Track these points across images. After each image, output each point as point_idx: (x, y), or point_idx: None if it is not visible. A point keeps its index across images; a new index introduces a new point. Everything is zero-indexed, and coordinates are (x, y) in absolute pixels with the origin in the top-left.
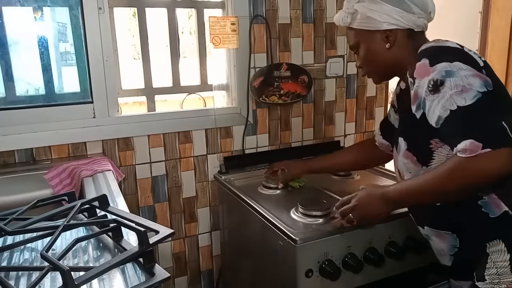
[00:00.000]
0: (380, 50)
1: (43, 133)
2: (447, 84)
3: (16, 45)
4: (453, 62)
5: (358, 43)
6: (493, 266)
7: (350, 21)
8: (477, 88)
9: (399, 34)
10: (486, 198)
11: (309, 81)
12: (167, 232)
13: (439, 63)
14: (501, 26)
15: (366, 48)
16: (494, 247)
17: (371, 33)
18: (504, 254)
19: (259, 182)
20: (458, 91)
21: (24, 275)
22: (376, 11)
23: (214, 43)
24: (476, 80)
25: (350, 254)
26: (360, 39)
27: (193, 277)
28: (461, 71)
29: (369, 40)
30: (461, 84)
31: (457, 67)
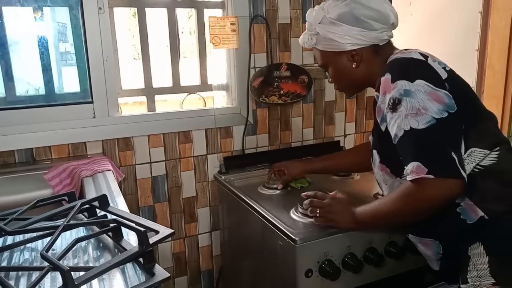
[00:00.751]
0: (347, 69)
1: (43, 133)
2: (404, 104)
3: (16, 45)
4: (413, 81)
5: (326, 63)
6: (474, 269)
7: (314, 42)
8: (432, 113)
9: (364, 52)
10: (463, 205)
11: (309, 81)
12: (167, 232)
13: (399, 79)
14: (501, 26)
15: (334, 68)
16: (474, 250)
17: (337, 54)
18: (483, 257)
19: (259, 182)
20: (413, 113)
21: (24, 275)
22: (337, 33)
23: (214, 43)
24: (433, 105)
25: (350, 254)
26: (327, 59)
27: (193, 277)
28: (419, 93)
29: (336, 60)
30: (417, 106)
31: (416, 87)
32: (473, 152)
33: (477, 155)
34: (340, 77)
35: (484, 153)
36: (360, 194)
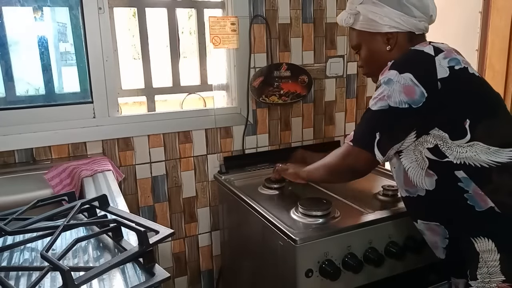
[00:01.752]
0: (380, 52)
1: (43, 133)
2: (379, 89)
3: (16, 45)
4: (402, 73)
5: (360, 44)
6: (484, 265)
7: (352, 22)
8: (390, 102)
9: (400, 36)
10: (471, 192)
11: (309, 81)
12: (167, 232)
13: (393, 69)
14: (501, 26)
15: (368, 49)
16: (484, 246)
17: (373, 35)
18: (494, 253)
19: (259, 182)
20: (379, 98)
21: (24, 275)
22: (378, 14)
23: (214, 43)
24: (398, 96)
25: (350, 254)
26: (362, 40)
27: (193, 277)
28: (397, 84)
29: (371, 41)
30: (384, 93)
31: (399, 79)
32: (476, 145)
33: (479, 149)
34: (371, 59)
35: (488, 148)
36: (360, 194)
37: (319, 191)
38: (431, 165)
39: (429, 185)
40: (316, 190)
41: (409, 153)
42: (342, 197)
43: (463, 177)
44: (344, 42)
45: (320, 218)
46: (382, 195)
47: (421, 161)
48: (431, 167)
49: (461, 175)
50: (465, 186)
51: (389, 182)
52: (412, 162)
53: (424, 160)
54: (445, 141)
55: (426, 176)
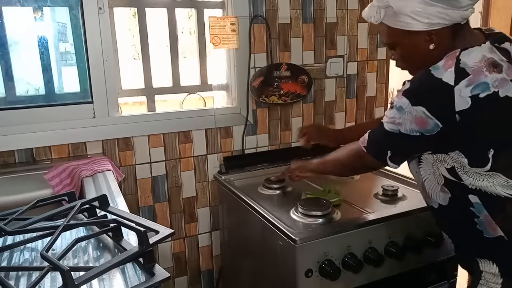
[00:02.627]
0: (422, 51)
1: (43, 133)
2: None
3: (16, 45)
4: (414, 105)
5: (395, 43)
6: (485, 284)
7: (383, 16)
8: (401, 128)
9: (444, 32)
10: (481, 218)
11: (309, 81)
12: (167, 232)
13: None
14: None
15: (405, 48)
16: (488, 268)
17: (412, 33)
18: (497, 277)
19: (259, 182)
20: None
21: (24, 275)
22: (416, 9)
23: (214, 43)
24: (410, 125)
25: (350, 254)
26: (397, 39)
27: (193, 277)
28: (408, 115)
29: (409, 40)
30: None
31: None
32: (494, 175)
33: (497, 180)
34: (411, 58)
35: (507, 181)
36: (360, 194)
37: (319, 191)
38: (446, 183)
39: (442, 200)
40: (316, 190)
41: (428, 165)
42: (342, 197)
43: (476, 202)
44: (344, 42)
45: (320, 218)
46: (382, 195)
47: (438, 176)
48: (446, 185)
49: (475, 200)
50: (476, 211)
51: (389, 182)
52: (430, 174)
53: (441, 177)
54: (463, 165)
55: (441, 191)
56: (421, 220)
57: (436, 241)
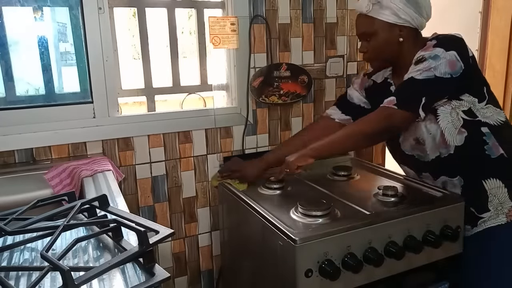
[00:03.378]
0: (392, 42)
1: (43, 133)
2: (425, 63)
3: (16, 45)
4: (448, 50)
5: (374, 32)
6: (495, 198)
7: (370, 9)
8: (436, 72)
9: (410, 31)
10: (490, 144)
11: (309, 81)
12: (167, 232)
13: (438, 47)
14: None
15: (382, 38)
16: (493, 184)
17: (390, 26)
18: (502, 189)
19: (259, 182)
20: (424, 70)
21: (24, 275)
22: (400, 8)
23: (214, 43)
24: (443, 68)
25: (350, 254)
26: (378, 29)
27: (193, 277)
28: (443, 60)
29: (386, 31)
30: (431, 66)
31: (445, 55)
32: (490, 107)
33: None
34: (382, 47)
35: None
36: (360, 194)
37: (319, 191)
38: (464, 124)
39: (459, 141)
40: (316, 190)
41: (446, 115)
42: (342, 197)
43: (487, 132)
44: (344, 42)
45: (320, 218)
46: (382, 195)
47: (456, 121)
48: (464, 126)
49: (486, 130)
50: (487, 139)
51: (389, 182)
52: (448, 123)
53: (460, 120)
54: (475, 104)
55: (458, 134)
56: (421, 220)
57: (435, 240)
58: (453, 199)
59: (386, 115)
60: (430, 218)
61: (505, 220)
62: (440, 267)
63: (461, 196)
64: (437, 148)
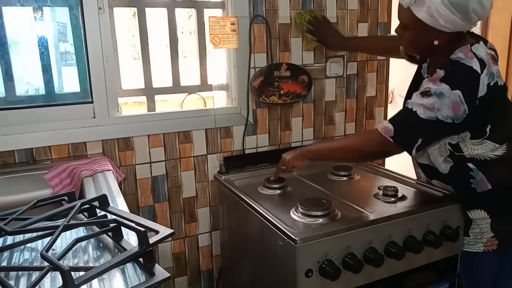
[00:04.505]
0: (427, 43)
1: (43, 133)
2: (430, 99)
3: (16, 45)
4: (453, 89)
5: (409, 27)
6: (477, 227)
7: (413, 2)
8: (439, 115)
9: (449, 35)
10: (477, 179)
11: (309, 81)
12: (167, 232)
13: (445, 82)
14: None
15: (416, 36)
16: (477, 215)
17: (427, 27)
18: (486, 219)
19: (259, 182)
20: (429, 108)
21: (24, 275)
22: (443, 15)
23: (214, 43)
24: (447, 111)
25: (350, 254)
26: (414, 26)
27: (193, 277)
28: (447, 100)
29: (422, 31)
30: (435, 106)
31: (450, 95)
32: (485, 143)
33: (488, 146)
34: (416, 43)
35: (494, 145)
36: (360, 194)
37: (319, 191)
38: (451, 155)
39: (444, 169)
40: (317, 190)
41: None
42: (342, 197)
43: (474, 168)
44: None
45: (320, 218)
46: (382, 195)
47: (443, 150)
48: (450, 156)
49: (472, 166)
50: (474, 174)
51: (389, 182)
52: (435, 149)
53: (446, 150)
54: (465, 140)
55: (443, 162)
56: (421, 220)
57: (436, 240)
58: (453, 199)
59: (383, 143)
60: (430, 218)
61: (482, 249)
62: (440, 267)
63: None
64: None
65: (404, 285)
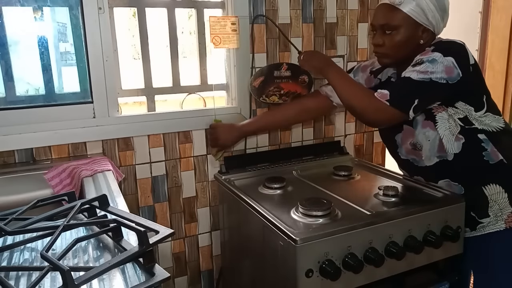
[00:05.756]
0: (413, 41)
1: (43, 133)
2: (423, 65)
3: (16, 45)
4: (446, 56)
5: (398, 26)
6: (495, 204)
7: (402, 2)
8: (432, 76)
9: (430, 36)
10: (488, 150)
11: (309, 81)
12: (167, 232)
13: (436, 51)
14: (501, 26)
15: (405, 35)
16: (493, 190)
17: (416, 24)
18: (502, 194)
19: (259, 182)
20: (421, 71)
21: (24, 275)
22: (431, 9)
23: (215, 43)
24: (440, 73)
25: (350, 254)
26: (405, 24)
27: (193, 277)
28: (440, 65)
29: (411, 29)
30: (428, 69)
31: (442, 60)
32: (488, 115)
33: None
34: (401, 44)
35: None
36: (360, 194)
37: (319, 191)
38: (462, 130)
39: (457, 148)
40: (317, 190)
41: (444, 122)
42: (343, 197)
43: (484, 139)
44: (344, 42)
45: (321, 218)
46: (382, 195)
47: (454, 127)
48: (461, 132)
49: (483, 137)
50: (485, 145)
51: (389, 183)
52: (446, 130)
53: (457, 126)
54: (471, 113)
55: (456, 140)
56: (422, 220)
57: (436, 241)
58: (454, 200)
59: (376, 108)
60: (430, 218)
61: (504, 226)
62: (440, 268)
63: (462, 196)
64: (434, 154)
65: (405, 285)
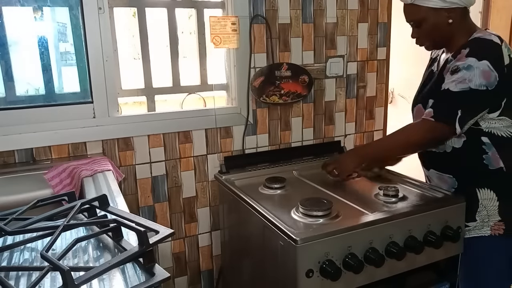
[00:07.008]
0: (442, 25)
1: (43, 133)
2: (460, 73)
3: (16, 45)
4: (480, 60)
5: (423, 19)
6: (484, 209)
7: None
8: (472, 84)
9: (458, 11)
10: (489, 154)
11: (310, 81)
12: (167, 232)
13: (471, 56)
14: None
15: (431, 23)
16: (486, 195)
17: (436, 10)
18: (494, 201)
19: (259, 182)
20: (459, 81)
21: (24, 275)
22: None
23: (215, 43)
24: (478, 80)
25: (351, 254)
26: (426, 15)
27: (193, 277)
28: (476, 70)
29: (434, 16)
30: (465, 77)
31: (478, 65)
32: (504, 119)
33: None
34: (432, 32)
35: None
36: (360, 194)
37: (320, 191)
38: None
39: (457, 144)
40: (317, 190)
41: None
42: (343, 197)
43: (487, 142)
44: (344, 42)
45: (321, 218)
46: (383, 195)
47: None
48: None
49: (486, 140)
50: (486, 149)
51: (389, 183)
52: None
53: None
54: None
55: (458, 136)
56: (422, 220)
57: (436, 241)
58: (454, 200)
59: (428, 128)
60: (431, 219)
61: (489, 233)
62: (441, 268)
63: (462, 196)
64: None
65: (405, 286)
